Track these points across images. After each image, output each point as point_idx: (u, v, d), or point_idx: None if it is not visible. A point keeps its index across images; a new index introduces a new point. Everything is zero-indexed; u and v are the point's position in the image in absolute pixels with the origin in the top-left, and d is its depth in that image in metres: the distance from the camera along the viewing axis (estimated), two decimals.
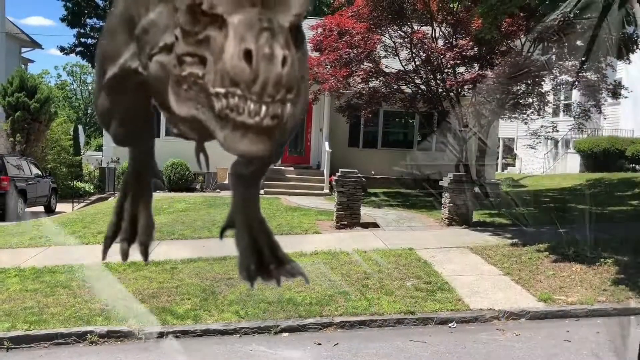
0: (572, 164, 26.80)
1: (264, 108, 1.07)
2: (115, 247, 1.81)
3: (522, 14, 13.45)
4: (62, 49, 35.70)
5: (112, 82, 1.64)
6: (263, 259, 1.73)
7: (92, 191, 22.19)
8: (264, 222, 1.82)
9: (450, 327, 6.65)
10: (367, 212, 12.81)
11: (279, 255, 1.74)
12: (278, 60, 1.08)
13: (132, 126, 1.79)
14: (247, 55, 1.07)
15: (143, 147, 1.98)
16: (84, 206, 17.90)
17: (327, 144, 17.50)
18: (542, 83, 15.89)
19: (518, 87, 15.61)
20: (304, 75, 1.21)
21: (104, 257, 1.95)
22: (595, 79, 15.34)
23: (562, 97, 23.22)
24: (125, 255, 1.94)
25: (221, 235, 1.95)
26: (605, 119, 20.25)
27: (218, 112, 1.11)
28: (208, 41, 1.17)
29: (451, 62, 14.53)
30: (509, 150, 35.49)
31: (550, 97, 17.61)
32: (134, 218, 1.97)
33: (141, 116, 1.76)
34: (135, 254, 1.74)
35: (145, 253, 2.11)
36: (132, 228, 1.96)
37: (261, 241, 1.77)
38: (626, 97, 17.46)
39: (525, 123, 16.67)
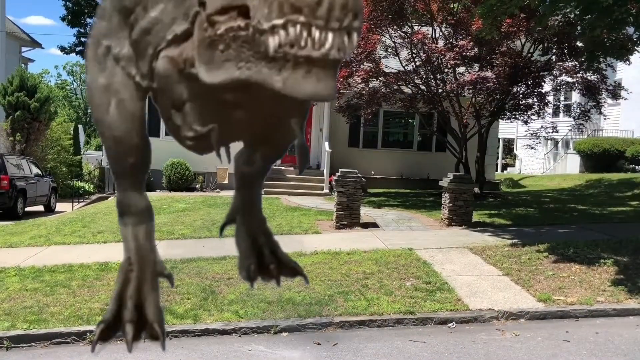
0: (572, 164, 26.81)
1: (330, 36, 0.95)
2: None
3: (522, 14, 13.45)
4: (62, 49, 35.75)
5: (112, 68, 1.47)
6: (263, 259, 1.68)
7: (92, 191, 22.19)
8: (264, 222, 1.77)
9: (449, 327, 6.65)
10: (366, 212, 12.81)
11: (278, 255, 1.69)
12: None
13: (135, 116, 1.58)
14: None
15: (142, 200, 1.75)
16: (83, 206, 17.90)
17: (327, 144, 17.51)
18: (543, 84, 15.90)
19: (518, 88, 15.63)
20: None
21: (93, 349, 1.87)
22: (595, 79, 15.36)
23: (562, 98, 23.22)
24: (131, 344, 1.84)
25: (221, 231, 1.89)
26: (605, 119, 20.25)
27: (274, 52, 0.98)
28: None
29: (451, 62, 14.54)
30: (509, 151, 35.51)
31: (551, 98, 17.62)
32: (140, 302, 1.74)
33: (139, 116, 1.58)
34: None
35: (162, 332, 1.88)
36: (137, 312, 1.73)
37: (261, 241, 1.71)
38: (625, 99, 17.47)
39: (526, 122, 16.68)
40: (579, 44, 14.34)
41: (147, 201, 1.81)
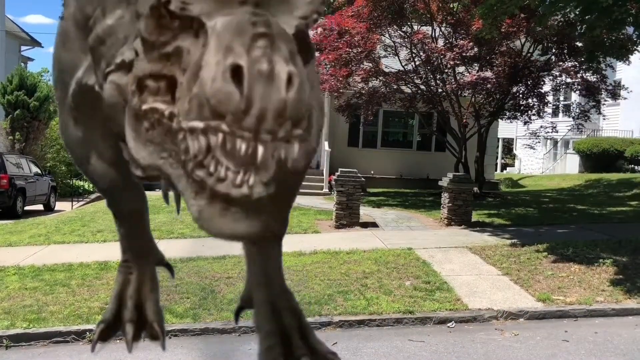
0: (571, 164, 26.83)
1: (260, 150, 0.76)
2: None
3: (522, 15, 13.46)
4: None
5: (78, 101, 1.31)
6: (291, 348, 1.32)
7: (92, 190, 22.15)
8: (290, 297, 1.42)
9: (449, 326, 6.66)
10: (366, 212, 12.82)
11: (311, 343, 1.34)
12: (281, 79, 0.76)
13: (116, 161, 1.37)
14: (236, 73, 0.76)
15: (134, 204, 1.66)
16: (83, 205, 17.90)
17: (326, 143, 17.51)
18: (542, 84, 15.91)
19: (518, 88, 15.64)
20: (315, 97, 0.87)
21: (93, 349, 1.70)
22: (595, 79, 15.37)
23: (561, 98, 23.24)
24: (131, 342, 1.68)
25: (236, 318, 1.60)
26: (605, 119, 20.27)
27: (190, 171, 0.79)
28: (179, 55, 0.85)
29: (451, 62, 14.55)
30: (508, 151, 35.52)
31: (550, 98, 17.63)
32: (140, 303, 1.71)
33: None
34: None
35: (162, 332, 1.71)
36: (137, 312, 1.71)
37: (288, 324, 1.34)
38: (625, 99, 17.48)
39: (525, 123, 16.69)
40: (579, 44, 14.35)
41: (139, 203, 1.72)
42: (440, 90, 15.66)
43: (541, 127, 16.88)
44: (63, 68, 1.37)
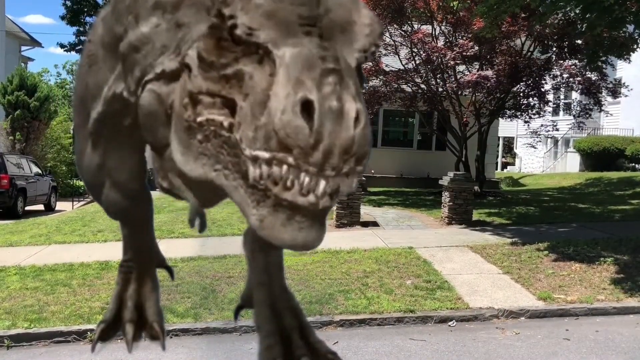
0: (571, 163, 26.82)
1: (322, 184, 0.77)
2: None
3: (522, 14, 13.45)
4: (62, 46, 35.71)
5: (100, 125, 1.30)
6: (291, 347, 1.32)
7: None
8: (290, 297, 1.44)
9: (450, 325, 6.66)
10: (367, 211, 12.82)
11: (312, 343, 1.34)
12: (350, 117, 0.77)
13: (130, 185, 1.41)
14: (306, 108, 0.76)
15: (140, 216, 1.67)
16: (83, 204, 17.91)
17: None
18: (543, 82, 15.90)
19: (518, 87, 15.63)
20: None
21: (93, 349, 1.70)
22: (595, 77, 15.35)
23: (562, 96, 23.23)
24: (131, 341, 1.67)
25: (236, 315, 1.63)
26: (607, 116, 20.26)
27: (253, 181, 0.80)
28: (240, 79, 0.84)
29: (451, 62, 14.54)
30: (509, 149, 35.51)
31: (550, 96, 17.63)
32: (140, 303, 1.71)
33: (139, 171, 1.37)
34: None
35: (162, 332, 1.70)
36: (137, 312, 1.71)
37: (289, 323, 1.35)
38: (626, 96, 17.46)
39: (526, 122, 16.68)
40: (579, 41, 14.34)
41: (146, 212, 1.74)
42: (440, 89, 15.65)
43: (542, 125, 16.87)
44: (86, 92, 1.35)
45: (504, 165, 33.88)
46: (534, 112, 16.15)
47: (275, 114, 0.77)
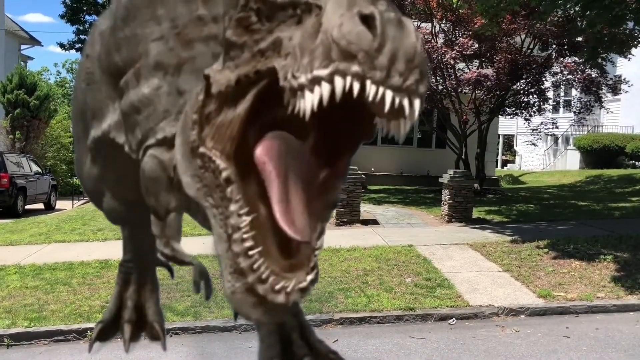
0: (571, 160, 26.81)
1: (389, 98, 0.73)
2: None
3: (522, 12, 13.42)
4: (61, 45, 35.64)
5: (100, 144, 1.31)
6: (291, 347, 1.32)
7: None
8: None
9: (450, 323, 6.66)
10: (366, 209, 12.81)
11: (312, 342, 1.33)
12: (410, 28, 0.75)
13: (130, 197, 1.39)
14: (366, 20, 0.73)
15: (139, 219, 1.61)
16: (83, 203, 17.90)
17: None
18: (543, 79, 15.88)
19: (518, 84, 15.62)
20: None
21: (90, 349, 1.72)
22: (596, 74, 15.33)
23: (562, 93, 23.22)
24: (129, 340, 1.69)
25: (236, 316, 1.63)
26: (607, 112, 20.23)
27: (235, 255, 0.84)
28: (279, 45, 0.80)
29: (451, 62, 14.53)
30: (509, 147, 35.49)
31: (550, 94, 17.61)
32: (140, 304, 1.72)
33: (138, 183, 1.33)
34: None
35: (162, 332, 1.72)
36: (137, 312, 1.72)
37: (289, 323, 1.34)
38: (627, 92, 17.44)
39: (527, 119, 16.67)
40: (579, 38, 14.32)
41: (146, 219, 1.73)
42: (440, 87, 15.64)
43: (542, 123, 16.86)
44: (85, 107, 1.35)
45: (504, 163, 33.87)
46: (534, 109, 16.13)
47: (333, 30, 0.72)
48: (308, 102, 0.73)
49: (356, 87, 0.72)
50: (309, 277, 0.86)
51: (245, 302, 0.82)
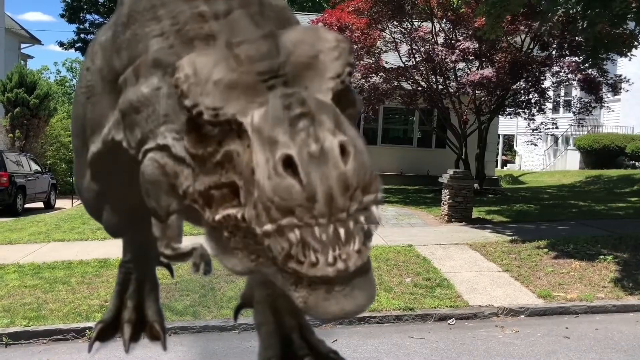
0: (571, 160, 26.80)
1: (342, 230, 0.74)
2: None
3: (522, 9, 13.39)
4: (61, 44, 35.68)
5: (99, 160, 1.29)
6: (292, 347, 1.31)
7: None
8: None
9: (449, 323, 6.65)
10: None
11: (312, 343, 1.32)
12: (334, 155, 0.75)
13: (131, 209, 1.38)
14: (288, 164, 0.74)
15: (142, 227, 1.57)
16: None
17: None
18: (543, 79, 15.86)
19: (519, 84, 15.60)
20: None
21: (90, 349, 1.70)
22: (595, 74, 15.31)
23: (562, 93, 23.21)
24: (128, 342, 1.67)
25: (235, 315, 1.60)
26: (608, 112, 20.21)
27: (282, 266, 0.78)
28: (230, 160, 0.83)
29: (451, 64, 14.53)
30: (509, 147, 35.48)
31: (550, 93, 17.59)
32: (140, 304, 1.72)
33: (140, 198, 1.30)
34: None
35: (162, 332, 1.72)
36: (136, 312, 1.71)
37: (289, 323, 1.34)
38: (627, 91, 17.42)
39: (531, 118, 16.63)
40: (578, 37, 14.30)
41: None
42: (440, 87, 15.62)
43: (542, 123, 16.84)
44: (86, 121, 1.33)
45: (504, 163, 33.86)
46: (536, 109, 16.10)
47: (264, 184, 0.74)
48: (273, 249, 0.75)
49: (307, 235, 0.73)
50: (357, 238, 0.78)
51: (318, 302, 0.77)
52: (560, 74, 15.93)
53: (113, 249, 8.90)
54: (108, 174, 1.32)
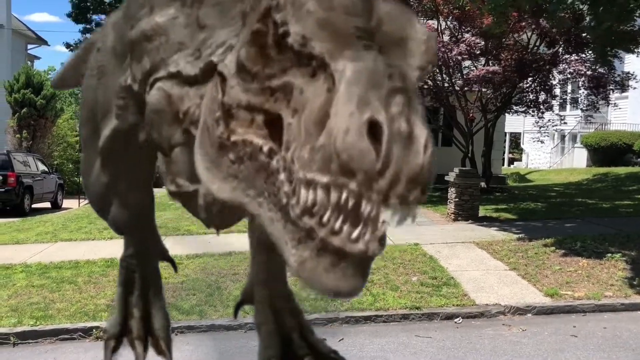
0: (578, 158, 26.66)
1: (383, 216, 0.72)
2: None
3: (528, 6, 13.32)
4: (67, 45, 35.78)
5: (112, 142, 1.26)
6: (292, 346, 1.32)
7: None
8: (291, 297, 1.43)
9: (456, 322, 6.63)
10: None
11: (312, 342, 1.35)
12: (420, 143, 0.71)
13: (138, 199, 1.41)
14: (373, 130, 0.70)
15: (143, 220, 1.67)
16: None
17: None
18: (550, 77, 15.78)
19: (525, 82, 15.53)
20: None
21: None
22: (603, 71, 15.22)
23: (568, 90, 23.09)
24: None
25: (235, 312, 1.66)
26: (615, 109, 20.11)
27: (297, 218, 0.73)
28: (288, 92, 0.77)
29: (458, 57, 14.46)
30: (516, 145, 35.34)
31: (557, 91, 17.51)
32: (146, 314, 1.66)
33: (149, 183, 1.35)
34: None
35: (168, 349, 1.66)
36: (144, 325, 1.65)
37: (289, 323, 1.35)
38: (634, 88, 17.31)
39: (540, 116, 16.55)
40: (585, 34, 14.22)
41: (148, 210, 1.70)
42: (446, 84, 15.57)
43: (549, 120, 16.76)
44: (96, 104, 1.29)
45: (511, 161, 33.73)
46: (545, 106, 16.02)
47: (338, 135, 0.69)
48: (302, 198, 0.71)
49: (351, 202, 0.70)
50: (383, 227, 0.74)
51: (317, 270, 0.72)
52: (567, 71, 15.84)
53: (120, 248, 8.89)
54: (119, 160, 1.28)
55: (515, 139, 34.65)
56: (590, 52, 14.41)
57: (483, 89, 15.05)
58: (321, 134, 0.71)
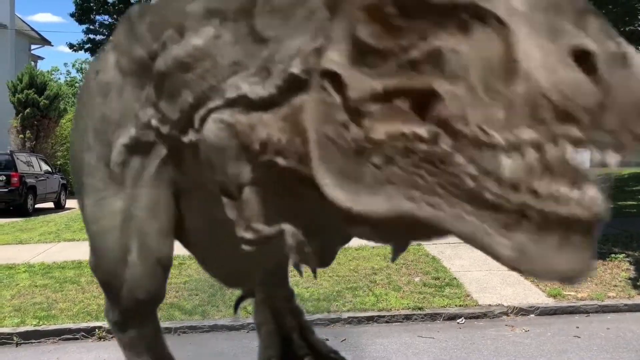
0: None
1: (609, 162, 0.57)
2: None
3: None
4: (71, 46, 35.83)
5: (129, 153, 1.15)
6: (292, 346, 1.30)
7: None
8: (291, 297, 1.40)
9: (458, 322, 6.62)
10: None
11: (312, 342, 1.33)
12: (637, 65, 0.58)
13: (163, 247, 1.24)
14: (579, 58, 0.57)
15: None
16: None
17: None
18: None
19: None
20: None
21: None
22: None
23: None
24: None
25: (236, 308, 1.60)
26: None
27: (496, 196, 0.59)
28: (437, 58, 0.63)
29: None
30: None
31: None
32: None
33: (171, 225, 1.18)
34: None
35: None
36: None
37: (289, 323, 1.32)
38: None
39: None
40: None
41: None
42: None
43: None
44: (105, 122, 1.17)
45: None
46: None
47: (540, 75, 0.54)
48: (504, 169, 0.57)
49: (568, 154, 0.55)
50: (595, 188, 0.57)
51: (545, 253, 0.56)
52: None
53: None
54: (137, 176, 1.14)
55: None
56: None
57: None
58: (513, 83, 0.56)
